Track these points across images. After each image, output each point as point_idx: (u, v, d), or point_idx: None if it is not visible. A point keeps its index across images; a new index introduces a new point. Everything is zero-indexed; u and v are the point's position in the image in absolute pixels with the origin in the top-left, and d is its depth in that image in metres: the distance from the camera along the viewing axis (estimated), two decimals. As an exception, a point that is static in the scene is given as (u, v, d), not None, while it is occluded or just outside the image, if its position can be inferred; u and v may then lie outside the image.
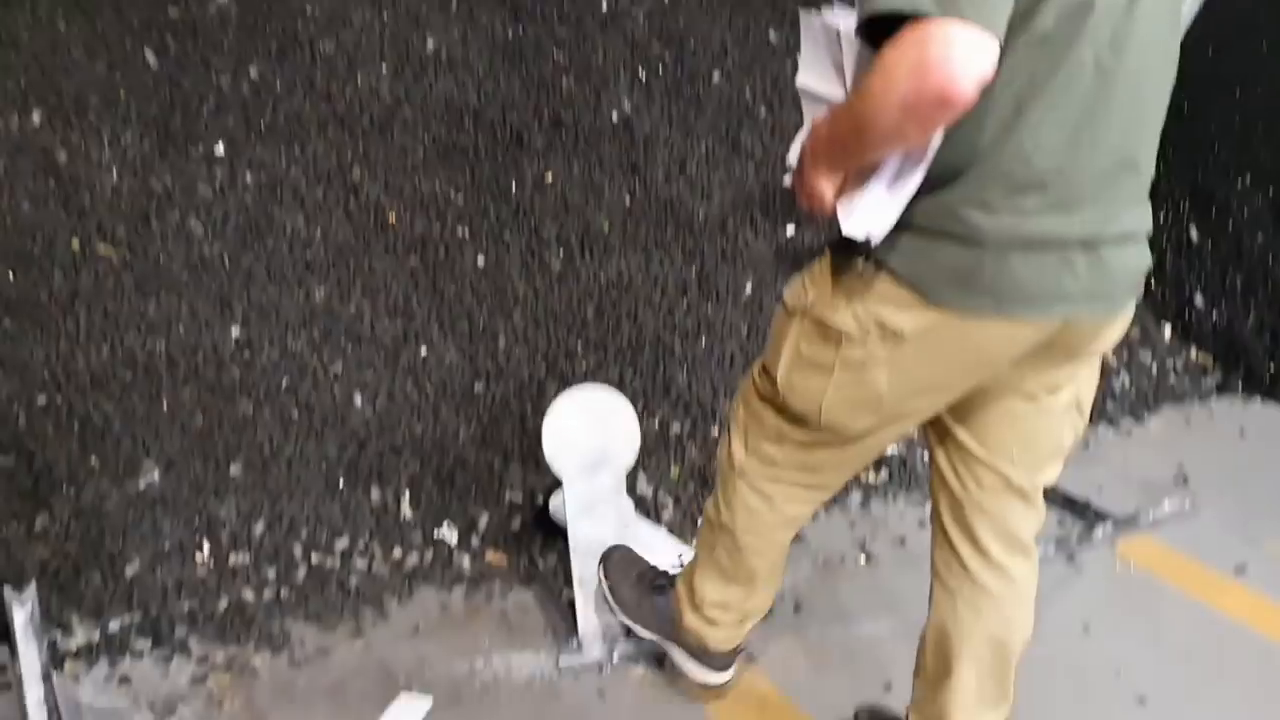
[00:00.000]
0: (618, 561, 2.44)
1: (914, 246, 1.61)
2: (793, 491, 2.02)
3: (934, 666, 2.06)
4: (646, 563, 2.47)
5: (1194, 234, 4.21)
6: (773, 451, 1.98)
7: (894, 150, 1.51)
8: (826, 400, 1.79)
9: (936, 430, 1.92)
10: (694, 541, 2.26)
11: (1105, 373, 3.94)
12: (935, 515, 2.01)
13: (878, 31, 1.41)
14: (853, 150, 1.54)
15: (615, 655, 2.54)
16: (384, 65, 3.58)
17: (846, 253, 1.70)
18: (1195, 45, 2.98)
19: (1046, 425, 1.84)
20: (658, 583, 2.37)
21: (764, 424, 1.97)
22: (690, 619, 2.25)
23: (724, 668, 2.32)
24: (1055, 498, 3.28)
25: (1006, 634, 1.99)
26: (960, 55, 1.33)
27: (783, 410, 1.90)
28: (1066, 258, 1.59)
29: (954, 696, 2.02)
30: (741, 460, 2.03)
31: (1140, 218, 1.69)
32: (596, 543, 2.55)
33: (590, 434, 2.58)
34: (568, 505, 2.59)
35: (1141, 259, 1.70)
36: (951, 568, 1.99)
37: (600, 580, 2.42)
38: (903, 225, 1.58)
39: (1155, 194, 1.72)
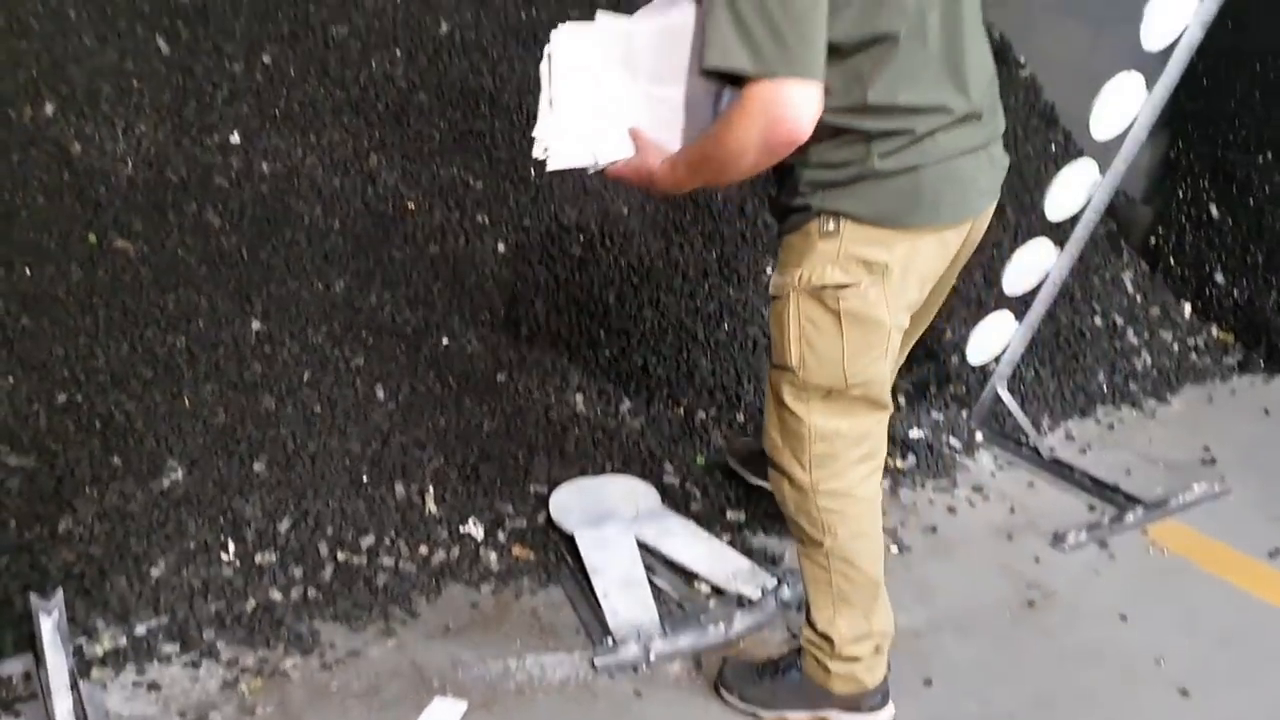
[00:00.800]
0: (731, 670, 2.43)
1: (867, 191, 1.88)
2: (858, 471, 2.14)
3: None
4: (757, 660, 2.48)
5: (1214, 210, 4.17)
6: (823, 448, 2.10)
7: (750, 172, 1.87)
8: (847, 359, 1.99)
9: None
10: (803, 600, 2.32)
11: (1126, 353, 3.92)
12: None
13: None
14: (715, 178, 1.93)
15: (651, 653, 2.51)
16: (397, 49, 3.52)
17: (805, 225, 1.95)
18: (1215, 20, 2.95)
19: (928, 307, 2.23)
20: (781, 666, 2.38)
21: (803, 432, 2.09)
22: (836, 669, 2.26)
23: (885, 702, 2.34)
24: (1084, 482, 3.25)
25: None
26: (799, 109, 1.71)
27: (809, 395, 2.05)
28: (978, 160, 1.96)
29: None
30: (805, 479, 2.13)
31: (1000, 116, 2.05)
32: (614, 561, 2.72)
33: (592, 503, 2.89)
34: (581, 548, 2.74)
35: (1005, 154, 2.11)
36: None
37: (726, 696, 2.40)
38: (854, 179, 1.87)
39: (1174, 170, 1.82)
